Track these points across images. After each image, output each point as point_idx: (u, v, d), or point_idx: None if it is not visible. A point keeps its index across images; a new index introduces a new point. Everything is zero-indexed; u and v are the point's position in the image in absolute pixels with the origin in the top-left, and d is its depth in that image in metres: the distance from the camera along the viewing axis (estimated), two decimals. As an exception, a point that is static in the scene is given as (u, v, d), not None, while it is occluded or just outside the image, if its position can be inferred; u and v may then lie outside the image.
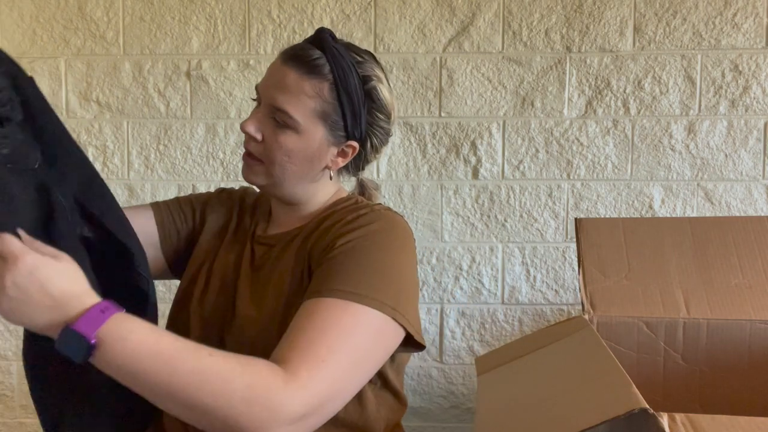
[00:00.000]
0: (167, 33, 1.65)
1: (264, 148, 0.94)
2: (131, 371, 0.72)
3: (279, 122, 0.92)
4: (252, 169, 0.97)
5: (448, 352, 1.67)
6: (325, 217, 0.98)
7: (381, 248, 0.88)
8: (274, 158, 0.94)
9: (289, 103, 0.91)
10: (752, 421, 0.76)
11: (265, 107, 0.94)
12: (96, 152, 1.67)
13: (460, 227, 1.65)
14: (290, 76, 0.91)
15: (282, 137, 0.93)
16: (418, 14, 1.62)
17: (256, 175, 0.97)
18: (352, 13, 1.63)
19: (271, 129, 0.93)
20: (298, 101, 0.91)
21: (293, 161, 0.94)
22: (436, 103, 1.63)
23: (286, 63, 0.92)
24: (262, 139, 0.94)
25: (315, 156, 0.95)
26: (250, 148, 0.96)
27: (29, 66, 1.65)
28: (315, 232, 0.95)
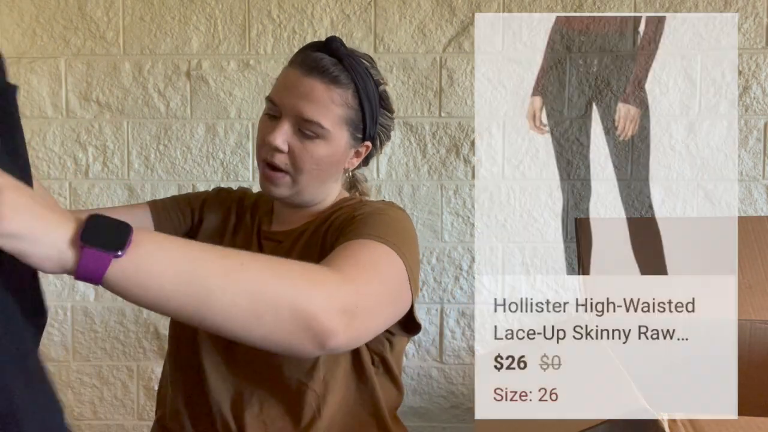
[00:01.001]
0: (167, 33, 1.65)
1: (291, 159, 0.94)
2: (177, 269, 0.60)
3: (307, 133, 0.93)
4: (276, 181, 0.96)
5: (448, 352, 1.67)
6: (333, 213, 0.99)
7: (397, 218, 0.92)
8: (303, 167, 0.94)
9: (319, 114, 0.93)
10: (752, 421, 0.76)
11: (290, 119, 0.94)
12: (96, 152, 1.67)
13: (460, 227, 1.65)
14: (317, 88, 0.93)
15: (311, 147, 0.94)
16: (418, 14, 1.62)
17: (280, 187, 0.96)
18: (352, 13, 1.63)
19: (297, 140, 0.94)
20: (328, 111, 0.93)
21: (321, 168, 0.96)
22: (436, 103, 1.63)
23: (309, 75, 0.93)
24: (288, 151, 0.94)
25: (340, 160, 0.98)
26: (276, 160, 0.94)
27: (29, 66, 1.65)
28: (326, 227, 0.96)
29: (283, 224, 1.03)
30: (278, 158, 0.94)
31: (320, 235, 0.96)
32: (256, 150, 0.99)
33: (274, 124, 0.95)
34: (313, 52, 0.95)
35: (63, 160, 1.67)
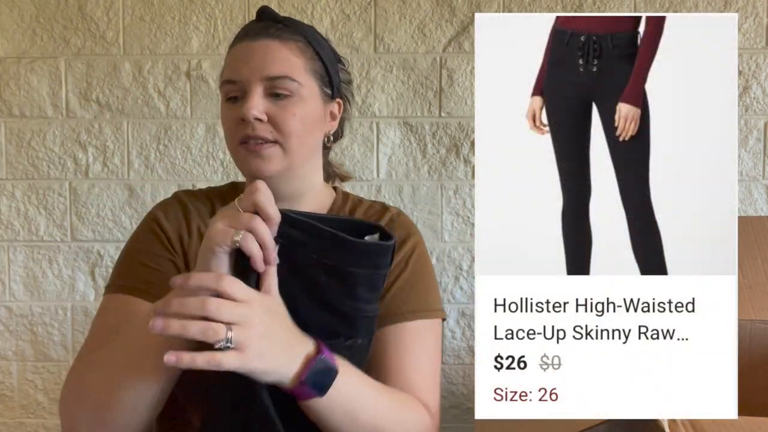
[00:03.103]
0: (167, 33, 1.65)
1: (274, 126, 0.88)
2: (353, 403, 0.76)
3: (280, 93, 0.88)
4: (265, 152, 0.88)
5: (448, 352, 1.67)
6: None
7: (424, 258, 0.96)
8: (290, 130, 0.88)
9: (285, 68, 0.88)
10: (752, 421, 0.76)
11: (257, 86, 0.87)
12: (96, 152, 1.67)
13: (460, 227, 1.65)
14: (272, 46, 0.89)
15: (290, 106, 0.88)
16: (418, 14, 1.62)
17: (271, 160, 0.89)
18: (352, 13, 1.63)
19: (272, 104, 0.88)
20: (291, 63, 0.89)
21: (306, 128, 0.90)
22: (436, 103, 1.63)
23: (258, 39, 0.89)
24: (267, 119, 0.88)
25: (318, 118, 0.93)
26: (260, 132, 0.87)
27: (29, 66, 1.65)
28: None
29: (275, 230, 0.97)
30: (261, 129, 0.87)
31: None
32: (228, 138, 0.91)
33: (242, 102, 0.88)
34: (251, 23, 0.93)
35: (63, 160, 1.67)
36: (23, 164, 1.67)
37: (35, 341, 1.70)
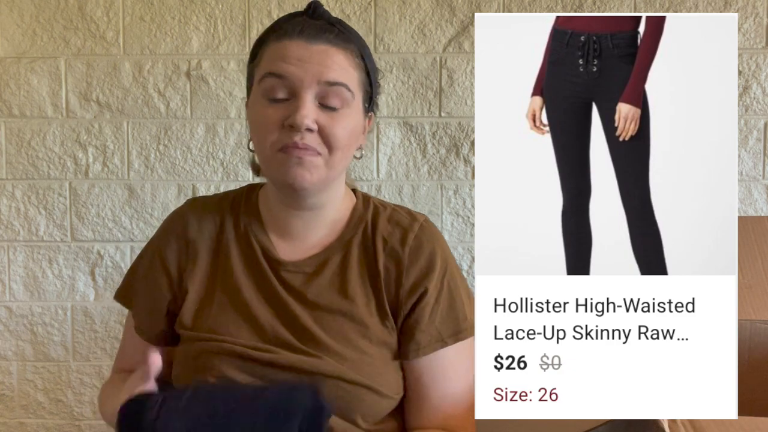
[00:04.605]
0: (167, 33, 1.65)
1: (323, 138, 0.82)
2: None
3: (332, 104, 0.82)
4: (310, 163, 0.82)
5: (448, 352, 1.67)
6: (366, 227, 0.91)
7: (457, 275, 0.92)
8: (338, 144, 0.83)
9: (343, 76, 0.83)
10: (752, 421, 0.76)
11: (312, 89, 0.82)
12: (96, 152, 1.67)
13: (460, 227, 1.65)
14: (332, 51, 0.83)
15: (340, 118, 0.83)
16: (418, 14, 1.62)
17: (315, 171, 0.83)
18: (352, 13, 1.63)
19: (323, 114, 0.82)
20: (348, 73, 0.84)
21: (350, 144, 0.86)
22: (436, 103, 1.63)
23: (317, 40, 0.83)
24: (318, 130, 0.82)
25: (359, 132, 0.89)
26: (309, 142, 0.81)
27: (29, 66, 1.66)
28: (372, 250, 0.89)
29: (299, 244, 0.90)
30: (310, 140, 0.81)
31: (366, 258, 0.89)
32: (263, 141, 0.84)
33: (289, 104, 0.82)
34: (303, 18, 0.86)
35: (63, 160, 1.67)
36: (23, 164, 1.67)
37: (35, 341, 1.70)
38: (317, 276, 0.88)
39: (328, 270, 0.89)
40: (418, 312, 0.87)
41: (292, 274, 0.89)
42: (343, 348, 0.84)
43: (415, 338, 0.87)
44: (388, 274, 0.88)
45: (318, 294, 0.87)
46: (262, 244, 0.90)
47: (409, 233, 0.89)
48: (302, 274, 0.89)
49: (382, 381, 0.85)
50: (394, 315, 0.88)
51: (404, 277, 0.87)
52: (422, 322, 0.87)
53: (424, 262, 0.88)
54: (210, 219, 0.93)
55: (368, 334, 0.86)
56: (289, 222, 0.90)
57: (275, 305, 0.87)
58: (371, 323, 0.86)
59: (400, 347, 0.88)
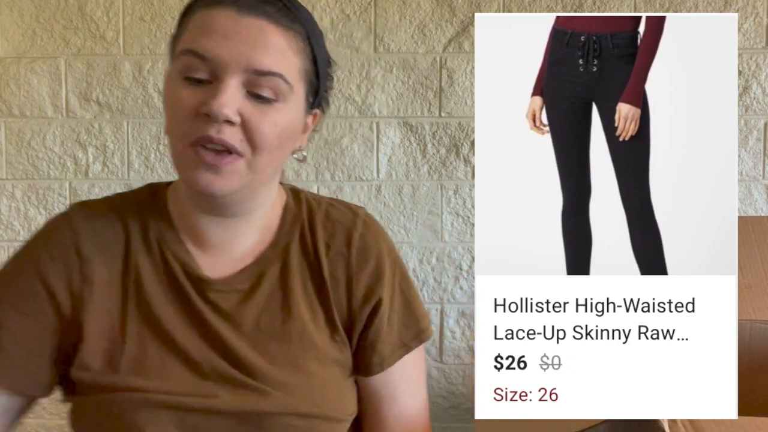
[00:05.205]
0: (167, 33, 1.65)
1: (246, 134, 0.67)
2: None
3: (264, 94, 0.67)
4: (225, 169, 0.66)
5: (448, 352, 1.67)
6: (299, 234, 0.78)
7: (406, 272, 0.84)
8: (265, 144, 0.67)
9: (279, 64, 0.67)
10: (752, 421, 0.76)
11: (239, 75, 0.66)
12: (96, 152, 1.67)
13: (460, 227, 1.65)
14: (269, 30, 0.67)
15: (272, 113, 0.67)
16: (418, 14, 1.62)
17: (232, 177, 0.67)
18: (352, 13, 1.63)
19: (251, 105, 0.67)
20: (287, 60, 0.68)
21: (282, 144, 0.70)
22: (436, 103, 1.63)
23: (251, 13, 0.67)
24: (240, 123, 0.66)
25: (297, 131, 0.73)
26: (227, 138, 0.65)
27: (29, 66, 1.65)
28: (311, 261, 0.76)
29: (221, 255, 0.74)
30: (229, 135, 0.65)
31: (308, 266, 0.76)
32: (176, 130, 0.69)
33: (209, 88, 0.66)
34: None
35: (63, 160, 1.67)
36: (23, 164, 1.67)
37: (35, 341, 1.70)
38: (253, 294, 0.73)
39: (265, 285, 0.74)
40: (377, 322, 0.77)
41: (222, 294, 0.73)
42: (292, 377, 0.71)
43: (378, 351, 0.77)
44: (336, 282, 0.76)
45: (256, 316, 0.73)
46: (181, 258, 0.73)
47: (353, 233, 0.78)
48: (235, 293, 0.73)
49: (337, 406, 0.75)
50: (347, 328, 0.77)
51: (354, 284, 0.76)
52: (382, 332, 0.77)
53: (373, 264, 0.77)
54: (109, 229, 0.74)
55: (319, 355, 0.74)
56: (210, 231, 0.74)
57: (206, 335, 0.71)
58: (320, 341, 0.74)
59: (359, 363, 0.78)
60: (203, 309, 0.72)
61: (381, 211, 1.64)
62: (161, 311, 0.71)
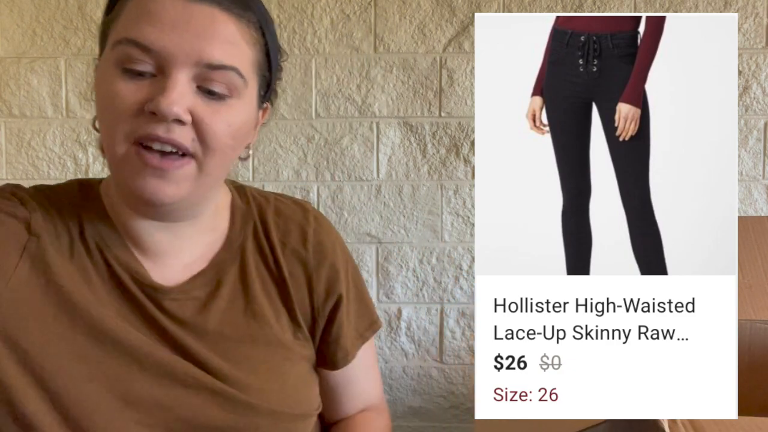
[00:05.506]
0: (167, 33, 1.65)
1: (198, 134, 0.61)
2: None
3: (215, 90, 0.61)
4: (173, 174, 0.60)
5: (448, 352, 1.67)
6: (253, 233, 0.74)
7: (354, 263, 0.84)
8: (217, 144, 0.62)
9: (233, 57, 0.61)
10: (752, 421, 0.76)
11: (188, 69, 0.60)
12: (96, 152, 1.66)
13: (460, 227, 1.65)
14: (219, 19, 0.61)
15: (224, 111, 0.62)
16: (418, 14, 1.62)
17: (180, 184, 0.61)
18: (352, 13, 1.63)
19: (201, 102, 0.61)
20: (241, 53, 0.63)
21: (235, 144, 0.65)
22: (436, 103, 1.63)
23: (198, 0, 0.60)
24: (191, 122, 0.61)
25: (250, 128, 0.68)
26: (177, 137, 0.59)
27: (29, 66, 1.65)
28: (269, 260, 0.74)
29: (169, 261, 0.69)
30: (179, 134, 0.59)
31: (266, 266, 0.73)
32: (112, 126, 0.61)
33: (153, 82, 0.60)
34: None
35: (63, 160, 1.67)
36: (23, 164, 1.67)
37: (35, 341, 1.70)
38: (213, 300, 0.69)
39: (224, 290, 0.70)
40: (339, 317, 0.77)
41: (178, 302, 0.67)
42: (265, 381, 0.69)
43: (341, 345, 0.78)
44: (295, 281, 0.74)
45: (220, 322, 0.68)
46: (126, 264, 0.66)
47: (307, 229, 0.76)
48: (191, 301, 0.68)
49: (310, 402, 0.75)
50: (309, 325, 0.76)
51: (315, 281, 0.75)
52: (344, 326, 0.78)
53: (330, 260, 0.76)
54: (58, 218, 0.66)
55: (288, 354, 0.72)
56: (153, 236, 0.68)
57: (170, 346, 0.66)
58: (287, 341, 0.73)
59: (325, 358, 0.78)
60: (160, 318, 0.66)
61: (381, 211, 1.64)
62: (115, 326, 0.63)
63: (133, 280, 0.66)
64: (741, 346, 0.88)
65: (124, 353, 0.63)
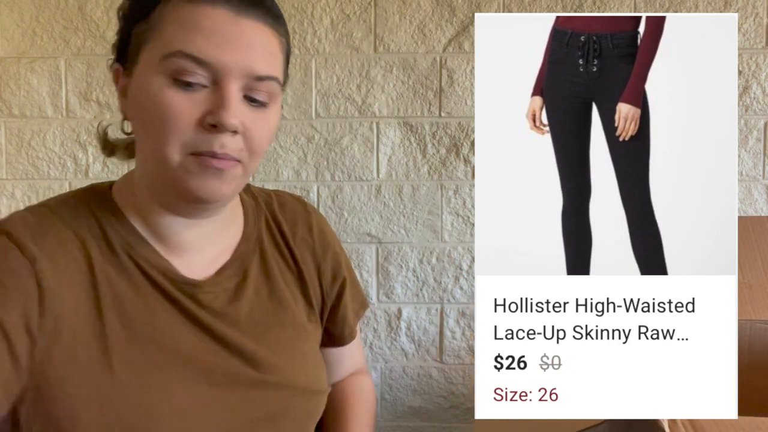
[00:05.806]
0: (167, 33, 1.65)
1: (246, 141, 0.65)
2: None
3: (258, 99, 0.65)
4: (228, 174, 0.65)
5: (448, 352, 1.67)
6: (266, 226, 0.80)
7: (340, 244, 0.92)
8: (260, 148, 0.67)
9: (274, 68, 0.66)
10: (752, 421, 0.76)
11: (239, 81, 0.63)
12: (96, 152, 1.66)
13: (460, 227, 1.65)
14: (264, 32, 0.65)
15: (265, 118, 0.66)
16: (418, 14, 1.62)
17: (232, 183, 0.66)
18: (352, 13, 1.63)
19: (248, 111, 0.65)
20: (277, 62, 0.67)
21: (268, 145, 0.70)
22: (436, 103, 1.63)
23: (248, 14, 0.64)
24: (238, 131, 0.65)
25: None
26: (230, 146, 0.63)
27: (29, 66, 1.65)
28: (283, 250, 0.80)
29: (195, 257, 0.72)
30: (232, 147, 0.64)
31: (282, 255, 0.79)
32: (167, 136, 0.62)
33: (206, 94, 0.63)
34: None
35: (63, 160, 1.67)
36: (23, 164, 1.67)
37: (35, 341, 1.70)
38: (242, 289, 0.73)
39: (251, 279, 0.74)
40: (345, 299, 0.86)
41: (213, 294, 0.71)
42: (292, 362, 0.75)
43: (348, 323, 0.88)
44: (307, 267, 0.81)
45: (251, 309, 0.73)
46: (156, 263, 0.68)
47: (311, 220, 0.83)
48: (224, 292, 0.72)
49: (325, 379, 0.82)
50: (320, 308, 0.84)
51: (323, 267, 0.83)
52: (349, 306, 0.87)
53: (333, 247, 0.85)
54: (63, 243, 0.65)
55: (307, 336, 0.80)
56: (182, 233, 0.70)
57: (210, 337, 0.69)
58: (305, 324, 0.80)
59: (334, 336, 0.88)
60: (198, 312, 0.68)
61: (381, 211, 1.64)
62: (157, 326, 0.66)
63: (165, 277, 0.68)
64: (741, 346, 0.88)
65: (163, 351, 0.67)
